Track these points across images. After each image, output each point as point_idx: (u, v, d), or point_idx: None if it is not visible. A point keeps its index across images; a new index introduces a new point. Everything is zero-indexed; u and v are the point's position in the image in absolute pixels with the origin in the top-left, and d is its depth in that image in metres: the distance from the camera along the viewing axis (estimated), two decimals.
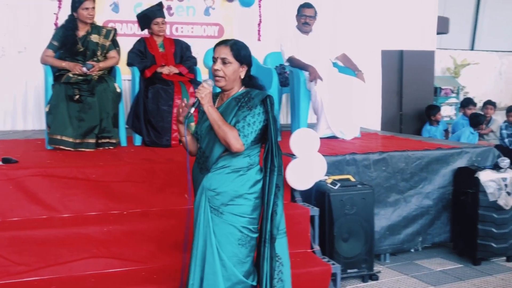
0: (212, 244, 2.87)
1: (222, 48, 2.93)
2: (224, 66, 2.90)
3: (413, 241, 5.04)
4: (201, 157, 2.96)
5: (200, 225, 2.91)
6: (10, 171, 3.80)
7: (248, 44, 6.85)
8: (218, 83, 2.94)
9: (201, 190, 2.92)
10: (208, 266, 2.88)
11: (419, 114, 8.66)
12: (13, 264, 3.43)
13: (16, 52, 6.39)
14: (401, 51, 8.34)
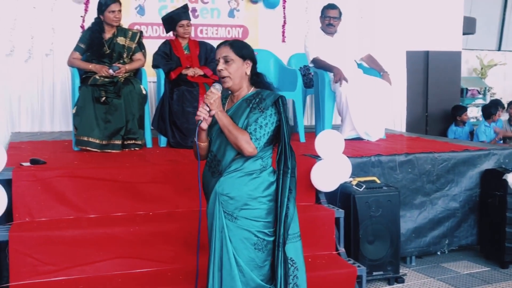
0: (228, 250, 2.84)
1: (222, 48, 2.91)
2: (227, 65, 2.88)
3: (439, 244, 4.99)
4: (212, 160, 2.92)
5: (215, 231, 2.88)
6: (38, 172, 3.84)
7: (273, 45, 6.89)
8: (225, 84, 2.90)
9: (214, 195, 2.88)
10: (226, 272, 2.86)
11: (445, 115, 8.57)
12: (41, 264, 3.47)
13: (44, 54, 6.47)
14: (427, 52, 8.27)
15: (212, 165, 2.92)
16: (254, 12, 7.35)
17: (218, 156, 2.89)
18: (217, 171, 2.89)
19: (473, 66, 12.96)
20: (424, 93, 8.36)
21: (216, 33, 7.18)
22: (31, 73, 6.46)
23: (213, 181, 2.89)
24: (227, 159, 2.87)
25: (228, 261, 2.85)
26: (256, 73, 2.99)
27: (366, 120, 5.64)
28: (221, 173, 2.87)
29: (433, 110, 8.42)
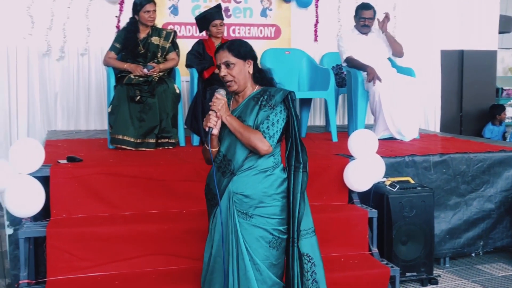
0: (242, 250, 2.85)
1: (221, 53, 2.92)
2: (229, 69, 2.89)
3: (474, 245, 4.92)
4: (222, 161, 2.90)
5: (230, 230, 2.88)
6: (75, 170, 3.92)
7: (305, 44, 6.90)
8: (231, 88, 2.92)
9: (228, 194, 2.88)
10: (241, 273, 2.87)
11: (480, 115, 8.44)
12: (77, 260, 3.54)
13: (79, 54, 6.58)
14: (462, 51, 8.16)
15: (221, 165, 2.90)
16: (286, 11, 7.35)
17: (228, 156, 2.88)
18: (229, 170, 2.88)
19: (509, 65, 12.72)
20: (459, 92, 8.25)
21: (249, 32, 7.21)
22: (67, 72, 6.58)
23: (225, 181, 2.88)
24: (239, 158, 2.87)
25: (242, 262, 2.86)
26: (259, 70, 3.00)
27: (400, 119, 5.58)
28: (233, 172, 2.87)
29: (468, 110, 8.30)
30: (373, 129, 5.60)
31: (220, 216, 2.86)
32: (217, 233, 2.91)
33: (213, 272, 2.95)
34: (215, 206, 2.92)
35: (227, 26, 6.75)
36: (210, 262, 2.96)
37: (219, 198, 2.86)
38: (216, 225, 2.92)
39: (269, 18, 7.29)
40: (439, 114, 7.98)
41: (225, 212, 2.88)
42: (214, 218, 2.93)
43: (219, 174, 2.90)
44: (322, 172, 4.31)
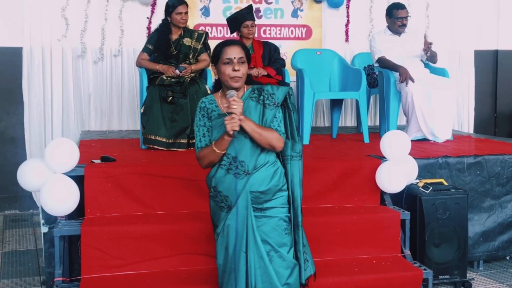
0: (259, 247, 2.94)
1: (236, 48, 2.94)
2: (242, 65, 2.93)
3: (508, 249, 4.83)
4: (231, 163, 2.92)
5: (248, 227, 2.94)
6: (108, 169, 3.97)
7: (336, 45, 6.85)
8: (236, 83, 2.93)
9: (245, 194, 2.93)
10: (261, 269, 2.95)
11: None
12: (111, 258, 3.59)
13: (112, 55, 6.67)
14: (496, 51, 8.02)
15: (231, 168, 2.93)
16: (317, 11, 7.32)
17: (239, 157, 2.90)
18: (243, 171, 2.92)
19: None
20: (493, 93, 8.12)
21: (280, 33, 7.20)
22: (101, 73, 6.67)
23: (240, 182, 2.91)
24: (253, 158, 2.93)
25: (261, 258, 2.94)
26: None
27: (433, 120, 5.52)
28: (248, 172, 2.93)
29: (502, 111, 8.16)
30: (406, 130, 5.55)
31: (237, 216, 2.92)
32: (231, 234, 2.95)
33: (230, 273, 2.98)
34: (226, 208, 2.97)
35: (258, 27, 6.76)
36: (226, 263, 3.00)
37: (236, 199, 2.91)
38: (230, 226, 2.95)
39: (300, 18, 7.27)
40: (473, 115, 7.85)
41: (242, 212, 2.93)
42: (227, 220, 2.96)
43: (230, 176, 2.94)
44: (354, 173, 4.29)
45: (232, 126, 2.80)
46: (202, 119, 3.00)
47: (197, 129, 3.01)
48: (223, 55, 2.93)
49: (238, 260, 2.93)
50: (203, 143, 2.99)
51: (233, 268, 2.96)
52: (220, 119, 2.95)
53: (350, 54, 7.26)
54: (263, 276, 2.95)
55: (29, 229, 5.66)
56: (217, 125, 2.97)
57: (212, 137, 2.97)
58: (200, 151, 2.99)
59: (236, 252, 2.93)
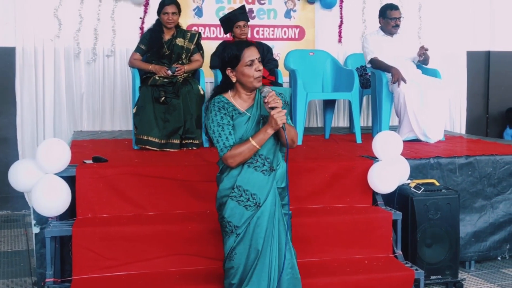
0: (281, 239, 3.04)
1: (254, 49, 3.02)
2: (261, 65, 3.02)
3: (500, 249, 4.85)
4: (263, 163, 3.01)
5: (280, 224, 3.03)
6: (100, 170, 3.96)
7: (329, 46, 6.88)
8: (260, 83, 3.04)
9: (273, 191, 3.02)
10: (287, 263, 3.05)
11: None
12: (102, 259, 3.57)
13: (105, 56, 6.66)
14: (488, 52, 8.06)
15: (259, 165, 3.01)
16: (310, 12, 7.33)
17: (269, 156, 3.02)
18: (269, 168, 3.03)
19: None
20: (485, 94, 8.15)
21: (273, 33, 7.21)
22: (93, 73, 6.66)
23: (268, 179, 3.01)
24: (276, 155, 3.06)
25: (289, 250, 3.07)
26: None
27: (425, 121, 5.54)
28: (273, 168, 3.04)
29: (494, 112, 8.20)
30: (398, 130, 5.56)
31: (268, 215, 3.00)
32: (261, 231, 2.99)
33: (253, 270, 3.01)
34: (253, 207, 3.00)
35: (251, 28, 6.77)
36: (247, 262, 3.02)
37: (266, 196, 3.00)
38: (260, 224, 3.00)
39: (293, 19, 7.28)
40: (465, 115, 7.89)
41: (271, 208, 3.01)
42: (255, 218, 3.00)
43: (259, 173, 3.00)
44: (346, 174, 4.30)
45: (282, 119, 2.89)
46: (225, 117, 3.00)
47: (219, 128, 2.98)
48: (244, 57, 2.97)
49: (264, 255, 3.00)
50: (231, 141, 2.98)
51: (255, 265, 3.00)
52: (242, 117, 3.01)
53: (343, 54, 7.28)
54: (291, 269, 3.07)
55: (21, 230, 5.65)
56: (240, 124, 3.01)
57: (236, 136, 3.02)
58: (234, 148, 2.96)
59: (264, 249, 3.00)
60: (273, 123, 2.90)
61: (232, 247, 3.04)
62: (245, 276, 3.03)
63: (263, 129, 2.95)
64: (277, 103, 2.89)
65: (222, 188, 3.08)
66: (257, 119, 3.04)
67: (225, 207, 3.05)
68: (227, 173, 3.06)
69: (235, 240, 3.03)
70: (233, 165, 2.99)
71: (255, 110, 3.05)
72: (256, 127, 3.03)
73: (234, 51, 2.99)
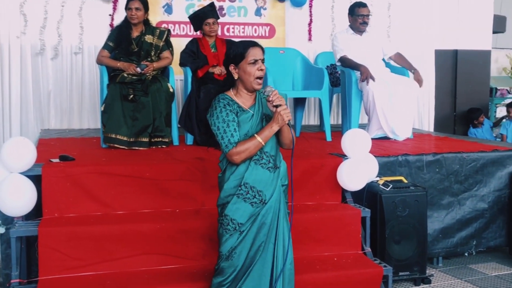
0: (285, 234, 3.11)
1: (259, 49, 3.05)
2: (263, 66, 3.05)
3: (467, 245, 4.93)
4: (269, 160, 3.05)
5: (280, 219, 3.09)
6: (67, 169, 3.89)
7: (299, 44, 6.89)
8: (260, 85, 3.06)
9: (278, 188, 3.09)
10: (289, 260, 3.13)
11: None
12: (69, 259, 3.52)
13: (72, 53, 6.56)
14: (456, 51, 8.18)
15: (265, 162, 3.05)
16: (281, 10, 7.34)
17: (272, 153, 3.08)
18: (274, 166, 3.09)
19: (503, 65, 12.78)
20: (453, 92, 8.27)
21: (243, 31, 7.20)
22: (61, 71, 6.57)
23: (273, 176, 3.07)
24: (277, 153, 3.13)
25: (291, 248, 3.13)
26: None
27: (393, 119, 5.59)
28: (278, 166, 3.11)
29: (462, 109, 8.32)
30: (367, 128, 5.60)
31: (273, 211, 3.06)
32: (265, 227, 3.04)
33: (252, 270, 3.05)
34: (259, 204, 3.04)
35: (221, 25, 6.74)
36: (246, 259, 3.05)
37: (272, 193, 3.05)
38: (265, 221, 3.04)
39: (264, 17, 7.28)
40: (433, 113, 7.99)
41: (275, 205, 3.07)
42: (260, 216, 3.04)
43: (265, 170, 3.04)
44: (316, 172, 4.31)
45: (288, 116, 2.97)
46: (231, 114, 3.01)
47: (224, 125, 3.00)
48: (249, 56, 2.99)
49: (266, 252, 3.04)
50: (236, 138, 2.99)
51: (256, 261, 3.04)
52: (246, 114, 3.04)
53: (313, 53, 7.32)
54: (290, 265, 3.14)
55: None
56: (245, 121, 3.03)
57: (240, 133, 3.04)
58: (240, 145, 2.98)
59: (266, 245, 3.04)
60: (279, 120, 2.96)
61: (233, 246, 3.03)
62: (241, 274, 3.05)
63: (268, 125, 3.00)
64: (281, 100, 2.96)
65: (227, 187, 3.06)
66: (260, 116, 3.08)
67: (228, 205, 3.05)
68: (233, 171, 3.05)
69: (238, 238, 3.03)
70: (238, 162, 3.00)
71: (258, 108, 3.09)
72: (259, 124, 3.07)
73: (240, 49, 3.02)
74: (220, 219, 3.10)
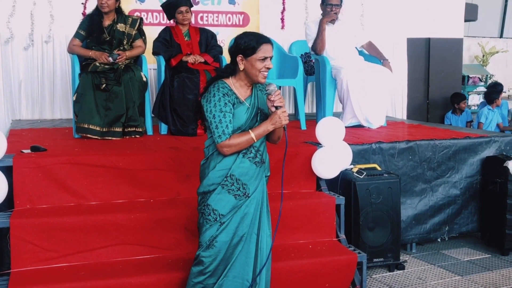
0: (267, 225, 3.18)
1: (270, 47, 3.05)
2: (271, 64, 3.06)
3: (439, 231, 5.00)
4: (256, 154, 3.08)
5: (263, 210, 3.15)
6: (39, 159, 3.84)
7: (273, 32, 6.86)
8: (265, 79, 3.05)
9: (263, 181, 3.15)
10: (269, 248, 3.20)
11: (446, 102, 8.56)
12: (42, 251, 3.48)
13: (43, 41, 6.45)
14: (428, 39, 8.24)
15: (253, 156, 3.07)
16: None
17: (261, 148, 3.11)
18: (261, 160, 3.12)
19: (475, 54, 12.94)
20: (425, 80, 8.35)
21: (217, 20, 7.15)
22: (31, 60, 6.45)
23: (260, 171, 3.12)
24: (265, 148, 3.16)
25: (269, 237, 3.20)
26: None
27: (367, 107, 5.62)
28: (264, 161, 3.15)
29: (434, 97, 8.41)
30: (341, 116, 5.63)
31: (256, 203, 3.10)
32: (247, 219, 3.07)
33: (235, 261, 3.08)
34: (243, 197, 3.06)
35: (195, 13, 6.69)
36: (228, 249, 3.07)
37: (257, 186, 3.09)
38: (248, 212, 3.07)
39: (238, 5, 7.24)
40: (406, 101, 8.06)
41: (259, 196, 3.11)
42: (244, 207, 3.06)
43: (252, 165, 3.07)
44: (291, 160, 4.32)
45: (286, 119, 2.99)
46: (228, 104, 2.99)
47: (221, 114, 2.96)
48: (260, 51, 2.98)
49: (249, 242, 3.07)
50: (230, 129, 2.97)
51: (239, 252, 3.06)
52: (243, 106, 3.03)
53: (287, 41, 7.30)
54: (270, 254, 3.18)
55: None
56: (241, 113, 3.02)
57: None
58: (233, 138, 2.98)
59: (249, 235, 3.07)
60: (276, 122, 2.98)
61: (213, 235, 3.04)
62: (224, 263, 3.06)
63: (264, 125, 3.01)
64: (282, 102, 2.97)
65: (212, 176, 3.05)
66: (255, 110, 3.08)
67: (211, 195, 3.04)
68: (219, 161, 3.04)
69: (218, 228, 3.04)
70: (227, 154, 3.01)
71: (254, 102, 3.08)
72: (254, 118, 3.07)
73: (253, 43, 2.98)
74: (201, 208, 3.10)
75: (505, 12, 13.73)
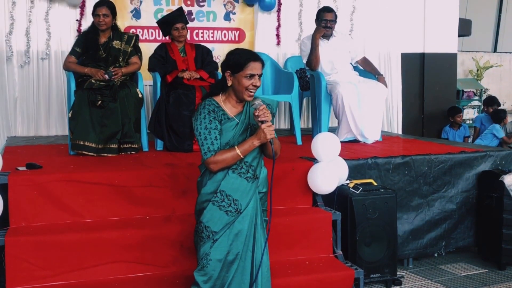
0: (262, 242, 3.11)
1: (259, 64, 3.04)
2: (259, 81, 3.03)
3: (436, 246, 4.99)
4: (248, 169, 3.06)
5: (258, 226, 3.09)
6: (34, 177, 3.83)
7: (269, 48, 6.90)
8: (250, 97, 3.04)
9: (255, 197, 3.08)
10: (265, 267, 3.14)
11: (441, 117, 8.58)
12: (37, 269, 3.46)
13: (39, 59, 6.46)
14: (423, 54, 8.29)
15: (244, 172, 3.05)
16: (250, 15, 7.35)
17: (253, 164, 3.08)
18: (254, 176, 3.08)
19: (469, 68, 13.02)
20: (420, 95, 8.38)
21: (212, 36, 7.19)
22: (27, 77, 6.46)
23: (252, 186, 3.07)
24: (259, 163, 3.12)
25: (266, 255, 3.14)
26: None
27: (362, 122, 5.64)
28: (257, 176, 3.10)
29: (429, 112, 8.44)
30: (337, 132, 5.64)
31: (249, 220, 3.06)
32: (241, 236, 3.04)
33: (232, 280, 3.05)
34: (234, 213, 3.03)
35: (191, 30, 6.72)
36: (223, 267, 3.04)
37: (248, 202, 3.04)
38: (241, 230, 3.04)
39: (233, 21, 7.28)
40: (401, 116, 8.07)
41: (252, 213, 3.05)
42: (236, 224, 3.03)
43: (243, 180, 3.04)
44: (287, 176, 4.32)
45: (271, 134, 2.97)
46: (214, 121, 3.00)
47: (206, 132, 2.98)
48: (247, 69, 2.98)
49: (244, 260, 3.04)
50: (215, 146, 2.98)
51: (235, 272, 3.04)
52: (231, 122, 3.03)
53: (283, 57, 7.33)
54: (267, 272, 3.14)
55: None
56: (228, 129, 3.03)
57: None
58: (219, 154, 2.98)
59: (243, 253, 3.04)
60: (261, 137, 2.97)
61: (206, 252, 3.02)
62: (219, 283, 3.04)
63: (250, 140, 3.00)
64: (267, 117, 2.95)
65: (204, 193, 3.06)
66: (245, 126, 3.07)
67: (204, 212, 3.04)
68: (210, 177, 3.05)
69: (211, 246, 3.02)
70: (215, 170, 3.01)
71: (244, 117, 3.08)
72: (243, 133, 3.06)
73: (241, 60, 2.99)
74: (196, 226, 3.10)
75: (498, 26, 13.84)
